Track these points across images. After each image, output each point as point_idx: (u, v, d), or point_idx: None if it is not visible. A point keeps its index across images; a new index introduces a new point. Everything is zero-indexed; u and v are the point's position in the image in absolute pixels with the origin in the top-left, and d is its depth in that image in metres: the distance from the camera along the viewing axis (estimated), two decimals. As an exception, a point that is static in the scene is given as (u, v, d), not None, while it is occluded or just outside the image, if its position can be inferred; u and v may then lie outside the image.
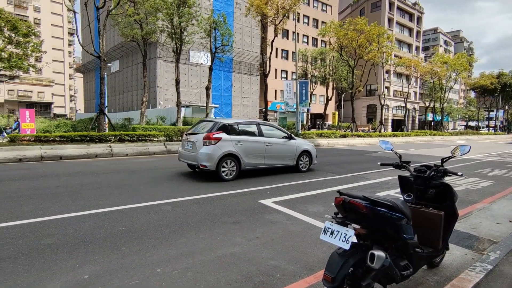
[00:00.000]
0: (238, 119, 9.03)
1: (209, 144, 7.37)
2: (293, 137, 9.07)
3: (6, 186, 6.48)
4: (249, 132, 8.17)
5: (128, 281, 2.80)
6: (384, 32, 29.14)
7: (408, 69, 40.49)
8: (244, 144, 7.80)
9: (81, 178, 7.50)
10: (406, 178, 3.03)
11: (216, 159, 7.28)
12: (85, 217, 4.52)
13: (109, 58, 38.60)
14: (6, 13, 20.36)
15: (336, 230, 2.20)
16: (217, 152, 7.32)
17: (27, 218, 4.42)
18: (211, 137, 7.38)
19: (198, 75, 35.73)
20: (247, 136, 8.01)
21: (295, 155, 8.99)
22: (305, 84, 29.49)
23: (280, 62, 44.39)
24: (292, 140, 8.94)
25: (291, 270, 3.11)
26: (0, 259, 3.16)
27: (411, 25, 58.05)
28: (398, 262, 2.31)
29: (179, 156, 8.47)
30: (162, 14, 19.33)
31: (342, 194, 2.34)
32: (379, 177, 8.70)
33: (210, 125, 7.83)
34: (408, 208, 2.45)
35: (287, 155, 8.82)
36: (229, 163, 7.56)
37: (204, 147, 7.39)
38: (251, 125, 8.44)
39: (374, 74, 36.90)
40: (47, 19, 62.27)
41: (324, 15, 49.06)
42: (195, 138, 7.73)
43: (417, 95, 61.24)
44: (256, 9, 20.35)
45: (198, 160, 7.38)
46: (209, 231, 4.12)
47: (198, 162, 7.41)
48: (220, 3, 36.15)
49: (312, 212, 5.14)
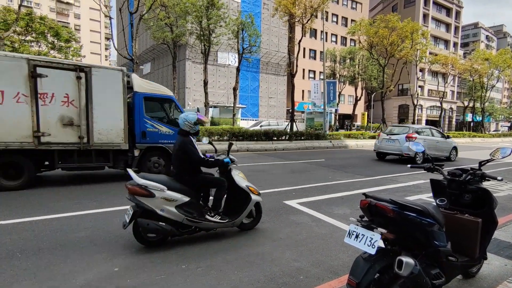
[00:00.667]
0: (420, 126, 14.15)
1: (409, 140, 11.43)
2: (449, 137, 13.46)
3: (45, 182, 6.96)
4: (427, 133, 12.60)
5: (154, 276, 2.90)
6: (418, 28, 27.77)
7: (444, 67, 38.30)
8: (427, 141, 11.96)
9: (111, 176, 7.85)
10: (439, 182, 2.87)
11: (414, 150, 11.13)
12: (117, 212, 4.73)
13: (141, 61, 40.27)
14: (49, 20, 21.94)
15: (361, 233, 2.13)
16: None
17: (65, 211, 4.72)
18: (411, 136, 11.70)
19: (226, 76, 36.24)
20: (427, 136, 12.40)
21: (449, 149, 13.18)
22: (333, 84, 28.89)
23: (307, 62, 43.86)
24: (448, 139, 13.26)
25: (314, 273, 3.06)
26: (40, 249, 3.40)
27: (449, 20, 54.90)
28: (429, 271, 2.18)
29: (377, 148, 12.92)
30: (192, 16, 19.84)
31: (368, 196, 2.26)
32: (411, 180, 8.31)
33: (407, 129, 12.28)
34: (441, 214, 2.31)
35: (445, 149, 13.00)
36: (419, 154, 11.24)
37: (406, 142, 11.31)
38: (426, 129, 13.10)
39: (407, 72, 35.31)
40: (86, 25, 66.27)
41: (353, 13, 47.79)
42: (398, 137, 12.03)
43: (455, 94, 57.80)
44: (284, 9, 20.24)
45: (403, 151, 11.52)
46: (233, 230, 4.15)
47: (402, 152, 11.60)
48: (247, 4, 36.42)
49: (338, 214, 5.02)
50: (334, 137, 20.42)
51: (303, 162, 11.34)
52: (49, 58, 7.90)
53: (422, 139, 11.79)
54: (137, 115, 7.16)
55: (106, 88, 6.73)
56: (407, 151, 11.32)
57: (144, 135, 7.25)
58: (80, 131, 6.48)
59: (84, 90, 6.49)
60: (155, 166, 7.50)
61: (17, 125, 5.89)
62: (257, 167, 10.00)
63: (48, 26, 21.08)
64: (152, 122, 7.37)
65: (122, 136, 6.93)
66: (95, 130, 6.63)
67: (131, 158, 7.16)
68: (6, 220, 4.25)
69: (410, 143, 3.24)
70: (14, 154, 6.03)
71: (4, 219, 4.31)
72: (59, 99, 6.26)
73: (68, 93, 6.34)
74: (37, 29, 20.55)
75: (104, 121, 6.73)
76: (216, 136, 15.55)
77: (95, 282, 2.77)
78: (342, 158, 12.98)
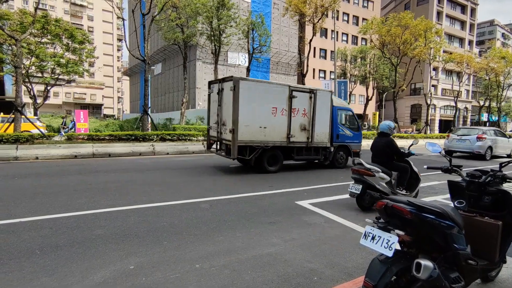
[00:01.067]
0: (486, 127, 16.05)
1: (480, 140, 13.84)
2: (511, 137, 15.71)
3: (64, 180, 7.13)
4: (491, 134, 14.59)
5: (169, 274, 2.93)
6: (432, 26, 27.25)
7: (459, 65, 37.45)
8: (494, 141, 14.29)
9: (127, 175, 8.00)
10: (457, 184, 2.81)
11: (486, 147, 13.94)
12: (131, 211, 4.81)
13: (153, 62, 40.78)
14: (64, 22, 22.43)
15: (378, 235, 2.10)
16: (485, 145, 13.94)
17: (81, 210, 4.82)
18: (481, 137, 13.92)
19: (236, 76, 36.33)
20: (493, 136, 14.50)
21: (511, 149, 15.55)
22: (344, 83, 28.65)
23: (318, 61, 43.58)
24: (510, 139, 15.49)
25: (328, 274, 3.04)
26: (58, 246, 3.49)
27: (463, 18, 53.63)
28: (448, 274, 2.14)
29: (447, 147, 14.79)
30: (202, 17, 19.99)
31: (384, 198, 2.23)
32: (424, 181, 8.15)
33: (476, 131, 14.52)
34: (460, 216, 2.26)
35: (508, 147, 15.30)
36: (488, 150, 14.02)
37: (477, 142, 13.89)
38: (491, 130, 14.92)
39: (420, 71, 34.70)
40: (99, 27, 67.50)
41: (365, 12, 47.22)
42: (468, 138, 14.27)
43: (470, 94, 56.43)
44: (294, 8, 20.17)
45: (474, 149, 13.87)
46: (246, 230, 4.17)
47: (473, 150, 13.88)
48: (258, 4, 36.43)
49: (350, 215, 4.97)
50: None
51: (315, 162, 11.26)
52: (299, 85, 11.69)
53: (490, 139, 14.03)
54: (335, 122, 10.06)
55: (322, 104, 9.51)
56: (478, 149, 13.66)
57: (337, 137, 10.19)
58: (308, 134, 9.33)
59: (312, 106, 9.30)
60: (340, 158, 10.50)
61: (280, 130, 8.80)
62: (268, 167, 9.98)
63: (63, 28, 21.55)
64: (342, 127, 10.35)
65: (328, 138, 9.85)
66: (315, 133, 9.46)
67: (329, 153, 10.04)
68: (26, 218, 4.37)
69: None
70: (276, 149, 8.91)
71: (24, 216, 4.43)
72: (300, 112, 9.12)
73: (305, 108, 9.21)
74: (53, 31, 21.04)
75: (319, 127, 9.53)
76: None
77: (112, 280, 2.82)
78: (354, 159, 12.82)
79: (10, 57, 20.48)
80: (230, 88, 8.10)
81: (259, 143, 8.48)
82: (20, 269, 2.95)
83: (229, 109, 8.23)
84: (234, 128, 8.02)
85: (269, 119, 8.52)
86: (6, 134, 10.97)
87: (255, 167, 8.88)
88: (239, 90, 7.97)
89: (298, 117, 9.01)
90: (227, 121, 8.40)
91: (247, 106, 8.13)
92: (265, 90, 8.51)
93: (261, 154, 8.65)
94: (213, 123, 9.42)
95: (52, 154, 10.61)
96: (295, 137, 9.02)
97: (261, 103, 8.39)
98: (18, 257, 3.20)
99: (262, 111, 8.42)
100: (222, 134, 8.79)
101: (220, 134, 8.91)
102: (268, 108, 8.51)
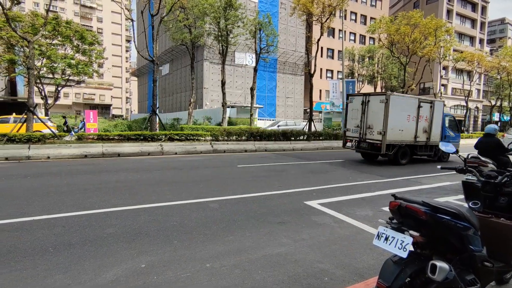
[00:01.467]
0: None
1: None
2: None
3: (75, 179, 7.24)
4: None
5: (180, 274, 2.95)
6: (442, 25, 26.78)
7: (470, 64, 36.81)
8: None
9: (137, 174, 8.08)
10: (471, 184, 2.76)
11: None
12: (141, 211, 4.86)
13: (160, 62, 41.07)
14: (75, 24, 22.76)
15: (391, 236, 2.07)
16: None
17: (93, 208, 4.89)
18: None
19: (243, 76, 36.39)
20: None
21: None
22: (351, 83, 28.37)
23: (325, 61, 43.34)
24: None
25: (339, 275, 3.01)
26: (71, 244, 3.54)
27: (474, 16, 52.71)
28: (464, 276, 2.10)
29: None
30: (210, 17, 20.06)
31: (397, 198, 2.20)
32: (435, 181, 8.05)
33: None
34: (475, 217, 2.22)
35: None
36: None
37: None
38: None
39: (430, 71, 34.20)
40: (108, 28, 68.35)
41: (373, 11, 46.79)
42: None
43: (481, 93, 55.42)
44: (302, 8, 20.07)
45: None
46: (255, 230, 4.16)
47: None
48: (265, 4, 36.41)
49: (360, 215, 4.93)
50: (353, 137, 20.05)
51: (322, 163, 11.21)
52: (424, 97, 13.87)
53: None
54: (443, 126, 12.76)
55: (437, 111, 12.10)
56: None
57: (444, 137, 12.79)
58: (427, 135, 11.91)
59: (431, 113, 11.86)
60: (446, 154, 12.82)
61: (411, 132, 11.45)
62: (276, 167, 9.98)
63: (73, 30, 21.86)
64: (447, 130, 13.22)
65: (439, 138, 12.35)
66: (432, 135, 12.00)
67: (438, 150, 12.41)
68: (39, 216, 4.45)
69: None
70: (406, 147, 11.52)
71: (37, 214, 4.51)
72: (424, 118, 11.68)
73: (427, 115, 11.80)
74: (63, 33, 21.35)
75: (435, 130, 12.10)
76: (234, 136, 15.64)
77: (124, 278, 2.85)
78: (362, 159, 12.73)
79: (22, 59, 20.88)
80: (380, 101, 10.86)
81: (397, 142, 11.18)
82: (34, 267, 3.01)
83: (376, 116, 11.01)
84: (385, 131, 10.67)
85: (404, 124, 11.22)
86: (19, 134, 11.18)
87: (392, 160, 11.40)
88: (389, 102, 10.62)
89: (422, 122, 11.64)
90: (374, 126, 11.10)
91: (393, 114, 10.72)
92: (404, 102, 11.21)
93: (397, 150, 11.27)
94: (354, 127, 12.00)
95: (63, 154, 10.78)
96: (419, 138, 11.70)
97: (401, 112, 11.01)
98: (32, 254, 3.26)
99: (401, 118, 11.04)
100: (367, 135, 11.40)
101: (365, 135, 11.46)
102: (404, 116, 11.16)
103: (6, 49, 19.41)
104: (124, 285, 2.74)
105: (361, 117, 11.51)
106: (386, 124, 10.61)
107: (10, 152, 10.13)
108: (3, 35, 18.29)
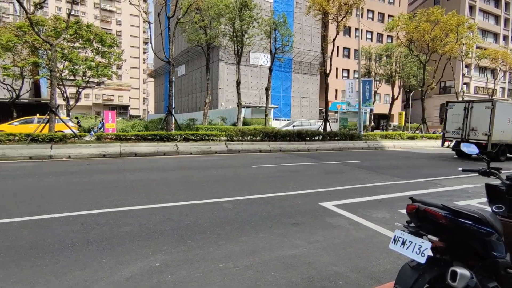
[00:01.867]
0: None
1: None
2: None
3: (94, 178, 7.46)
4: None
5: (193, 273, 2.97)
6: (465, 21, 25.85)
7: (494, 62, 35.37)
8: None
9: (152, 174, 8.23)
10: (495, 187, 2.63)
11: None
12: (156, 210, 4.93)
13: (176, 63, 41.72)
14: (95, 27, 23.46)
15: (409, 240, 2.00)
16: None
17: (110, 207, 5.01)
18: None
19: (258, 76, 36.41)
20: None
21: None
22: (368, 82, 27.87)
23: (341, 60, 42.75)
24: None
25: (354, 279, 2.95)
26: (89, 241, 3.63)
27: (498, 12, 50.61)
28: (486, 284, 2.00)
29: None
30: (225, 18, 20.19)
31: (415, 201, 2.12)
32: (456, 184, 7.76)
33: None
34: (499, 222, 2.12)
35: None
36: None
37: None
38: None
39: (451, 69, 33.06)
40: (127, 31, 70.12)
41: (391, 8, 45.77)
42: None
43: (505, 92, 53.13)
44: (318, 7, 19.88)
45: None
46: (269, 231, 4.14)
47: None
48: (280, 4, 36.30)
49: (377, 218, 4.81)
50: (370, 138, 19.68)
51: (338, 163, 11.05)
52: None
53: None
54: None
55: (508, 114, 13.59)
56: None
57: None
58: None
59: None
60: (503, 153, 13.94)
61: (510, 133, 13.35)
62: (291, 167, 9.92)
63: (93, 33, 22.54)
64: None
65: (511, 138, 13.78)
66: None
67: None
68: (59, 214, 4.60)
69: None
70: (504, 146, 13.34)
71: (57, 212, 4.66)
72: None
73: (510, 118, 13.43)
74: (84, 36, 22.05)
75: None
76: (249, 136, 15.66)
77: (139, 276, 2.90)
78: (379, 160, 12.46)
79: (46, 61, 21.69)
80: (486, 107, 12.85)
81: (498, 142, 12.98)
82: (54, 263, 3.10)
83: (480, 120, 12.97)
84: (491, 132, 12.62)
85: (505, 126, 13.16)
86: (42, 134, 11.63)
87: (494, 158, 12.67)
88: (495, 108, 12.60)
89: None
90: (478, 128, 13.08)
91: (498, 118, 12.62)
92: (506, 107, 13.30)
93: (497, 149, 12.96)
94: (454, 129, 13.94)
95: (83, 153, 11.12)
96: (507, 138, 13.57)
97: (503, 116, 12.92)
98: (52, 251, 3.37)
99: (503, 121, 12.95)
100: (470, 136, 13.31)
101: (467, 136, 13.39)
102: (505, 119, 13.10)
103: (30, 52, 20.21)
104: (139, 283, 2.78)
105: (463, 120, 13.47)
106: (492, 127, 12.55)
107: (33, 152, 10.55)
108: (28, 38, 19.05)
